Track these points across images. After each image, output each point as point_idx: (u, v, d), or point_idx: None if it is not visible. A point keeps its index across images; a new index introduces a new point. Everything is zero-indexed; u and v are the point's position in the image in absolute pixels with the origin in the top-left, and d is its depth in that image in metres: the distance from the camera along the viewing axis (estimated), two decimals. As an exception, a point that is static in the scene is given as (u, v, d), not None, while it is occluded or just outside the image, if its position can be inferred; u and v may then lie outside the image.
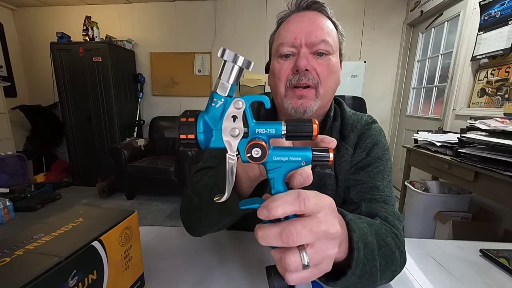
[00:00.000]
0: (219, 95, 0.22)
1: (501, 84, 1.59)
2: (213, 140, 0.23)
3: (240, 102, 0.22)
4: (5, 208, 2.16)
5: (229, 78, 0.21)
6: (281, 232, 0.23)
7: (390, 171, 0.54)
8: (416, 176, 2.14)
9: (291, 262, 0.23)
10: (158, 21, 3.14)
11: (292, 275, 0.23)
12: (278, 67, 0.53)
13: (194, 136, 0.22)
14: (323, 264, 0.25)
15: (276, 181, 0.24)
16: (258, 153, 0.22)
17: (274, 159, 0.23)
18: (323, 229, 0.24)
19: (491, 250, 0.53)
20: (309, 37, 0.50)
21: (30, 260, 0.25)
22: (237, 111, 0.22)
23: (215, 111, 0.22)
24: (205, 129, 0.22)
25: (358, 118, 0.59)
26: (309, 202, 0.23)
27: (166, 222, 2.27)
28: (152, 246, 0.53)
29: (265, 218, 0.23)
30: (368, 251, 0.34)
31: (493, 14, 1.63)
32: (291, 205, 0.23)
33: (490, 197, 1.22)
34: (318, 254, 0.24)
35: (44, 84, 3.32)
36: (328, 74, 0.51)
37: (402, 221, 0.47)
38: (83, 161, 3.06)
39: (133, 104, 3.25)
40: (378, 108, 2.95)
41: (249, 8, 2.95)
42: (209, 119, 0.22)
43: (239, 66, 0.21)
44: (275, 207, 0.22)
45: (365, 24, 2.80)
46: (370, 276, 0.34)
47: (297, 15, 0.53)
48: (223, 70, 0.21)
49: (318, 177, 0.56)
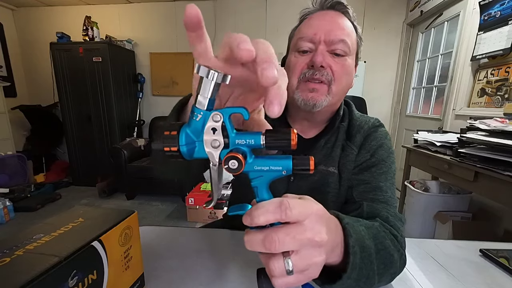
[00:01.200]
0: (198, 109, 0.23)
1: (501, 84, 1.59)
2: (197, 151, 0.24)
3: (218, 116, 0.23)
4: (5, 208, 2.16)
5: (206, 93, 0.22)
6: (264, 239, 0.23)
7: (394, 174, 0.54)
8: (416, 176, 2.14)
9: (275, 268, 0.23)
10: (158, 21, 3.14)
11: (278, 280, 0.24)
12: (294, 61, 0.54)
13: (177, 149, 0.23)
14: (309, 270, 0.25)
15: (260, 189, 0.25)
16: (234, 165, 0.22)
17: (256, 168, 0.24)
18: (308, 236, 0.24)
19: (491, 250, 0.53)
20: (329, 35, 0.51)
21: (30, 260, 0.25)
22: (216, 124, 0.23)
23: (196, 124, 0.23)
24: (187, 141, 0.23)
25: (366, 120, 0.60)
26: (291, 211, 0.23)
27: (166, 222, 2.27)
28: (152, 246, 0.53)
29: (249, 225, 0.24)
30: (365, 255, 0.33)
31: (493, 14, 1.63)
32: (273, 214, 0.23)
33: (490, 197, 1.22)
34: (303, 261, 0.24)
35: (44, 84, 3.32)
36: (342, 74, 0.52)
37: (403, 223, 0.47)
38: (83, 161, 3.06)
39: (133, 104, 3.25)
40: (378, 108, 2.95)
41: (249, 8, 2.95)
42: (191, 132, 0.23)
43: (215, 81, 0.22)
44: (257, 215, 0.23)
45: (365, 24, 2.80)
46: (367, 279, 0.34)
47: (320, 13, 0.54)
48: (200, 85, 0.22)
49: (321, 175, 0.57)
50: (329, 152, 0.57)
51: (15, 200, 2.34)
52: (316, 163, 0.57)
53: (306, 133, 0.61)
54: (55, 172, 3.25)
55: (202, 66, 0.21)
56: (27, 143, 3.38)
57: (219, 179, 0.25)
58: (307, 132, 0.61)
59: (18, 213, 2.29)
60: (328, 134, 0.58)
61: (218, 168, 0.24)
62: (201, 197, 2.21)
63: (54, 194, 2.74)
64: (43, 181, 3.04)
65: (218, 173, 0.24)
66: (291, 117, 0.62)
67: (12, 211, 2.23)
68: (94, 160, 3.02)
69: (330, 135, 0.58)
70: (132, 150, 2.72)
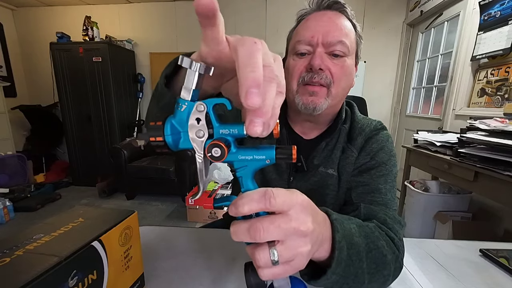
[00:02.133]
0: (183, 99, 0.23)
1: (501, 84, 1.59)
2: (182, 141, 0.24)
3: (202, 106, 0.23)
4: (5, 208, 2.16)
5: (191, 84, 0.23)
6: (249, 228, 0.23)
7: (395, 177, 0.54)
8: (416, 176, 2.14)
9: (260, 257, 0.23)
10: (158, 21, 3.14)
11: (264, 271, 0.24)
12: (293, 64, 0.53)
13: (162, 139, 0.24)
14: (295, 261, 0.25)
15: (245, 179, 0.25)
16: (217, 153, 0.23)
17: (240, 158, 0.25)
18: (293, 226, 0.24)
19: (491, 250, 0.53)
20: (326, 37, 0.50)
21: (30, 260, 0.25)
22: (200, 113, 0.23)
23: (181, 115, 0.24)
24: (172, 131, 0.24)
25: (368, 122, 0.59)
26: (275, 200, 0.23)
27: (166, 222, 2.27)
28: (152, 246, 0.53)
29: (234, 215, 0.24)
30: (353, 252, 0.33)
31: (492, 14, 1.63)
32: (257, 203, 0.23)
33: (490, 197, 1.22)
34: (289, 251, 0.24)
35: (44, 84, 3.32)
36: (341, 75, 0.52)
37: (403, 226, 0.47)
38: (83, 161, 3.06)
39: (133, 104, 3.25)
40: (378, 108, 2.95)
41: (249, 8, 2.95)
42: (176, 122, 0.24)
43: (198, 72, 0.22)
44: (241, 204, 0.23)
45: (365, 24, 2.80)
46: (355, 277, 0.34)
47: (317, 14, 0.53)
48: (184, 77, 0.23)
49: (320, 176, 0.57)
50: (329, 154, 0.57)
51: (15, 200, 2.34)
52: (316, 165, 0.57)
53: (307, 134, 0.61)
54: (55, 172, 3.25)
55: (185, 57, 0.22)
56: (27, 143, 3.38)
57: (205, 170, 0.25)
58: (309, 133, 0.61)
59: (18, 213, 2.29)
60: (329, 136, 0.58)
61: (203, 158, 0.25)
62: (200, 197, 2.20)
63: (54, 194, 2.74)
64: (43, 181, 3.04)
65: (204, 164, 0.25)
66: (291, 119, 0.62)
67: (12, 211, 2.23)
68: (94, 160, 3.02)
69: (331, 137, 0.58)
70: (132, 150, 2.72)
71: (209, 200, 2.20)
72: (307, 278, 0.33)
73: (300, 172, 0.58)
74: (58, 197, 2.70)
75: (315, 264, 0.33)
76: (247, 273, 0.26)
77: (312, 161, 0.57)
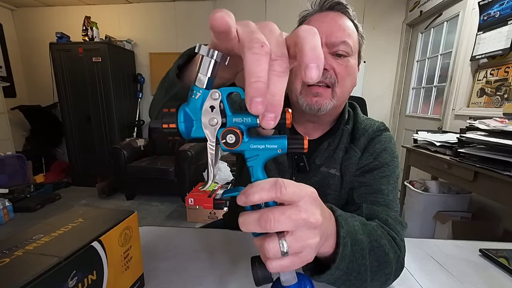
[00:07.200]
0: (198, 87, 0.23)
1: (501, 84, 1.59)
2: (194, 129, 0.24)
3: (217, 94, 0.23)
4: (4, 208, 2.16)
5: (206, 71, 0.23)
6: (259, 218, 0.23)
7: (397, 178, 0.54)
8: (416, 176, 2.15)
9: (270, 248, 0.23)
10: (158, 21, 3.14)
11: (273, 263, 0.24)
12: None
13: (175, 126, 0.24)
14: (304, 253, 0.25)
15: (255, 169, 0.25)
16: (232, 139, 0.23)
17: (252, 147, 0.25)
18: (303, 217, 0.24)
19: (490, 250, 0.53)
20: (330, 38, 0.50)
21: (29, 261, 0.25)
22: (215, 101, 0.23)
23: (195, 103, 0.24)
24: (185, 118, 0.24)
25: (371, 123, 0.59)
26: (286, 189, 0.23)
27: (166, 222, 2.27)
28: (152, 246, 0.53)
29: (243, 204, 0.24)
30: (357, 249, 0.33)
31: (492, 14, 1.63)
32: (268, 192, 0.23)
33: (490, 197, 1.22)
34: (298, 242, 0.24)
35: (43, 85, 3.32)
36: (346, 75, 0.52)
37: (404, 227, 0.47)
38: (82, 161, 3.06)
39: (133, 104, 3.25)
40: (378, 108, 2.96)
41: (249, 8, 2.95)
42: (189, 110, 0.24)
43: (215, 60, 0.22)
44: (252, 193, 0.23)
45: (365, 24, 2.80)
46: (358, 274, 0.34)
47: (320, 15, 0.53)
48: (201, 64, 0.23)
49: (322, 176, 0.57)
50: (332, 154, 0.57)
51: (14, 201, 2.34)
52: (317, 165, 0.58)
53: (310, 134, 0.61)
54: (55, 172, 3.24)
55: (203, 45, 0.22)
56: (26, 144, 3.37)
57: (215, 159, 0.25)
58: (312, 134, 0.61)
59: (17, 213, 2.29)
60: (332, 137, 0.58)
61: (215, 147, 0.24)
62: (200, 197, 2.21)
63: (54, 194, 2.74)
64: (43, 182, 3.04)
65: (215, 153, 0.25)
66: (294, 119, 0.62)
67: (11, 211, 2.23)
68: (93, 161, 3.01)
69: (334, 138, 0.58)
70: (131, 150, 2.72)
71: (209, 200, 2.20)
72: (310, 273, 0.33)
73: (302, 171, 0.58)
74: (57, 197, 2.70)
75: (317, 260, 0.33)
76: (254, 266, 0.26)
77: (314, 161, 0.58)
